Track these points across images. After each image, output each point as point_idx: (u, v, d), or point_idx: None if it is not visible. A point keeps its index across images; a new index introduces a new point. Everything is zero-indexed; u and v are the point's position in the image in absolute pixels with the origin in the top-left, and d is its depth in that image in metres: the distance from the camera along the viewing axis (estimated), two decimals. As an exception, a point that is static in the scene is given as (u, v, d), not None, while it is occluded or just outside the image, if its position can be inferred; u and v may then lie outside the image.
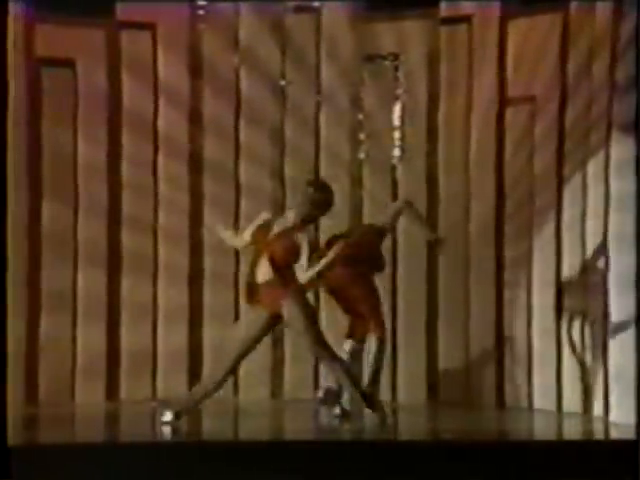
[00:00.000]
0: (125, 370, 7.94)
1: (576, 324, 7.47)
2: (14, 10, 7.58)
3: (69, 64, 7.96)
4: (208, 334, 8.03)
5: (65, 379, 7.80)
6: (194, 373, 7.81)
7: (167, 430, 6.20)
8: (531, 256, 7.77)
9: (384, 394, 7.31)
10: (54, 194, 7.87)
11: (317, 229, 7.96)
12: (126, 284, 7.96)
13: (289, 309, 6.19)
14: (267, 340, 7.88)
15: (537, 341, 7.70)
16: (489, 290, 7.91)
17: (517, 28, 7.85)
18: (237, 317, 8.00)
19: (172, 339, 7.99)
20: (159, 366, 8.00)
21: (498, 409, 7.73)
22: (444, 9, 8.05)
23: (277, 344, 8.04)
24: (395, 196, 8.16)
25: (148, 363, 7.97)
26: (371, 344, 7.02)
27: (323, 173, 8.11)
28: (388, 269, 7.83)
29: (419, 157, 8.13)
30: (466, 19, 8.00)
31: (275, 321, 6.29)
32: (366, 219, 8.08)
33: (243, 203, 8.09)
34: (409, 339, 8.05)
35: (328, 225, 7.37)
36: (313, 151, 8.18)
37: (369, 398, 6.48)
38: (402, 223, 7.58)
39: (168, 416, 6.28)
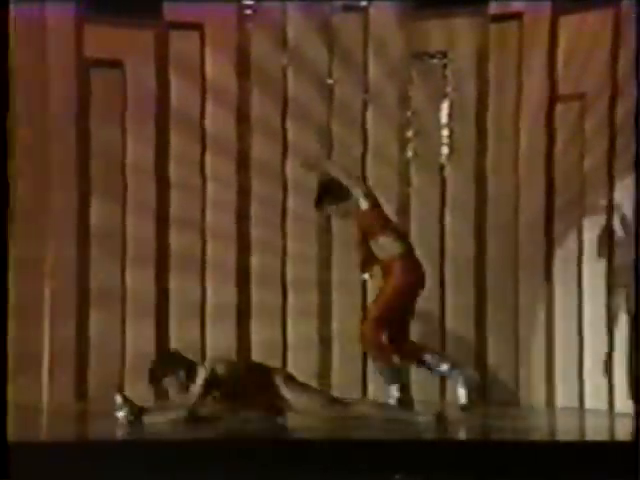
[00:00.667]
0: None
1: (628, 323, 7.39)
2: (65, 11, 7.72)
3: (118, 65, 7.99)
4: (256, 332, 8.02)
5: (114, 377, 7.82)
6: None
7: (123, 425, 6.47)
8: (582, 255, 7.69)
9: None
10: (103, 193, 7.91)
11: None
12: (174, 283, 7.97)
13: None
14: (315, 341, 7.97)
15: (588, 340, 7.63)
16: (539, 289, 7.83)
17: (568, 25, 7.77)
18: (284, 316, 8.04)
19: (220, 337, 7.98)
20: (207, 364, 8.00)
21: (547, 409, 7.66)
22: (494, 7, 7.99)
23: (325, 345, 8.03)
24: (443, 195, 8.12)
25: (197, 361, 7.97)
26: (458, 381, 6.95)
27: (370, 172, 8.08)
28: (436, 271, 7.80)
29: (468, 156, 8.07)
30: (516, 16, 7.94)
31: None
32: (413, 218, 8.05)
33: (290, 201, 8.08)
34: (457, 340, 8.00)
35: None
36: (360, 150, 8.14)
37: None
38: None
39: (121, 414, 6.56)
